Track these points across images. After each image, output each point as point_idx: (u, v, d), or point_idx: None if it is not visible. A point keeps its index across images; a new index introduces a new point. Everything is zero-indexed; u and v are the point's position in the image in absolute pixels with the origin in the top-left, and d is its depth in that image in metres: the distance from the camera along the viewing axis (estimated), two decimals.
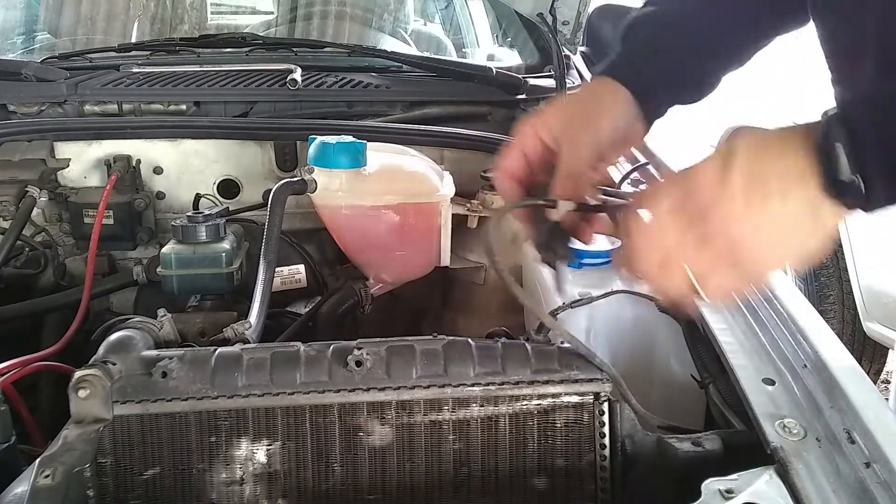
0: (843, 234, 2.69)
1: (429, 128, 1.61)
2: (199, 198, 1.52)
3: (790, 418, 0.80)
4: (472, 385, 0.84)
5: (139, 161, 1.53)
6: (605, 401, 0.85)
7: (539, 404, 0.85)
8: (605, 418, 0.85)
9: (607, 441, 0.85)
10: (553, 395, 0.85)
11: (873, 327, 2.69)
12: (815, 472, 0.74)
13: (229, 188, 1.59)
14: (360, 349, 0.85)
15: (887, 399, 2.02)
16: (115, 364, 0.84)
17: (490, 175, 1.48)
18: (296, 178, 1.29)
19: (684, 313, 0.99)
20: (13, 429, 0.87)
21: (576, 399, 0.85)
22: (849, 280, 2.76)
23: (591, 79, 0.94)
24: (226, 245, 1.25)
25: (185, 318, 1.12)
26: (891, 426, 0.77)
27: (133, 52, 1.80)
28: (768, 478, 0.73)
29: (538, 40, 1.96)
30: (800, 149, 0.66)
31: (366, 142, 1.33)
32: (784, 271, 0.90)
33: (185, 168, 1.57)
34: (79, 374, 0.82)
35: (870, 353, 2.87)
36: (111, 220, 1.45)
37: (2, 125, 1.53)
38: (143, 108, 1.64)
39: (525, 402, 0.85)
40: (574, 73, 1.88)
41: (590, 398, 0.85)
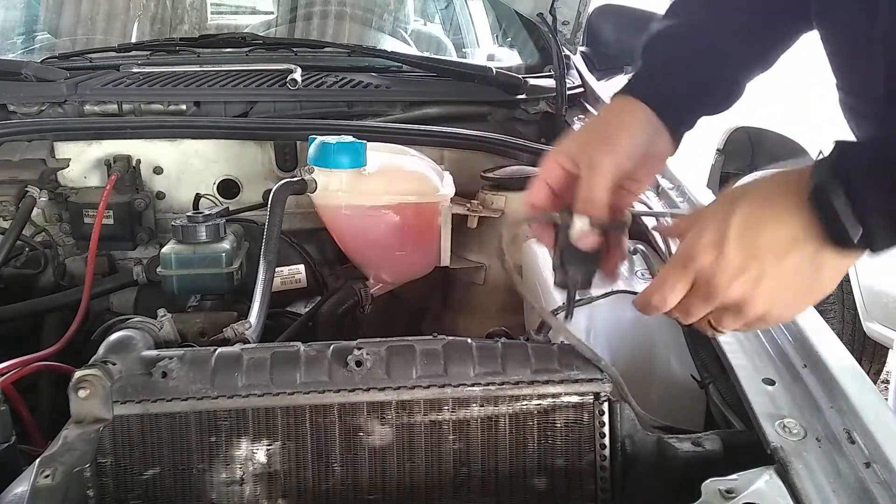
0: None
1: (429, 128, 1.61)
2: (199, 198, 1.52)
3: (790, 418, 0.80)
4: (472, 385, 0.84)
5: (139, 161, 1.53)
6: (606, 401, 0.85)
7: (539, 404, 0.85)
8: (606, 418, 0.85)
9: (607, 441, 0.85)
10: (553, 395, 0.85)
11: (873, 327, 2.69)
12: (815, 472, 0.74)
13: (229, 188, 1.59)
14: (360, 349, 0.85)
15: (887, 399, 2.02)
16: (115, 364, 0.85)
17: (490, 175, 1.48)
18: (296, 178, 1.29)
19: None
20: (13, 429, 0.87)
21: (576, 399, 0.85)
22: (849, 280, 2.76)
23: (610, 100, 0.92)
24: (226, 245, 1.25)
25: (185, 318, 1.13)
26: (891, 426, 0.77)
27: (133, 52, 1.79)
28: (768, 478, 0.73)
29: (538, 40, 1.96)
30: (796, 208, 0.68)
31: (366, 142, 1.33)
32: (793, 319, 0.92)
33: (185, 168, 1.57)
34: (79, 374, 0.82)
35: (870, 353, 2.87)
36: (111, 220, 1.45)
37: (2, 125, 1.53)
38: (143, 108, 1.63)
39: (525, 402, 0.85)
40: (574, 73, 1.88)
41: (590, 398, 0.85)
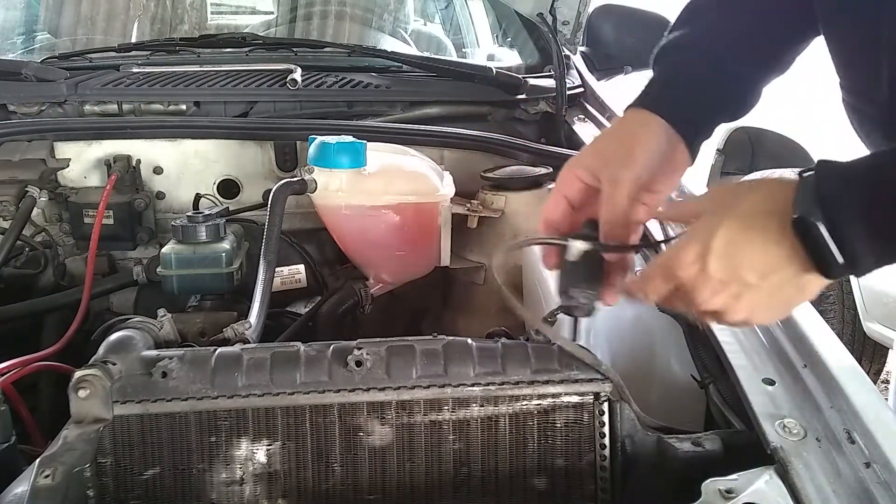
0: None
1: (429, 128, 1.61)
2: (199, 198, 1.52)
3: (790, 418, 0.80)
4: (472, 385, 0.84)
5: (139, 161, 1.52)
6: (605, 401, 0.85)
7: (539, 404, 0.85)
8: (605, 418, 0.85)
9: (607, 441, 0.85)
10: (553, 395, 0.85)
11: (873, 327, 2.69)
12: (815, 472, 0.74)
13: (229, 188, 1.58)
14: (360, 349, 0.85)
15: (887, 399, 2.02)
16: (115, 364, 0.84)
17: (490, 175, 1.48)
18: (296, 178, 1.29)
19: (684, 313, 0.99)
20: (13, 429, 0.87)
21: (576, 399, 0.85)
22: (848, 280, 2.76)
23: (623, 112, 0.91)
24: (226, 245, 1.25)
25: (185, 318, 1.12)
26: (891, 426, 0.77)
27: (133, 52, 1.79)
28: (768, 478, 0.73)
29: (538, 40, 1.96)
30: (780, 234, 0.68)
31: (366, 142, 1.33)
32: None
33: (185, 168, 1.56)
34: (79, 374, 0.82)
35: (870, 353, 2.87)
36: (111, 220, 1.45)
37: (2, 125, 1.53)
38: (143, 108, 1.63)
39: (525, 402, 0.85)
40: (574, 73, 1.88)
41: (590, 398, 0.85)
